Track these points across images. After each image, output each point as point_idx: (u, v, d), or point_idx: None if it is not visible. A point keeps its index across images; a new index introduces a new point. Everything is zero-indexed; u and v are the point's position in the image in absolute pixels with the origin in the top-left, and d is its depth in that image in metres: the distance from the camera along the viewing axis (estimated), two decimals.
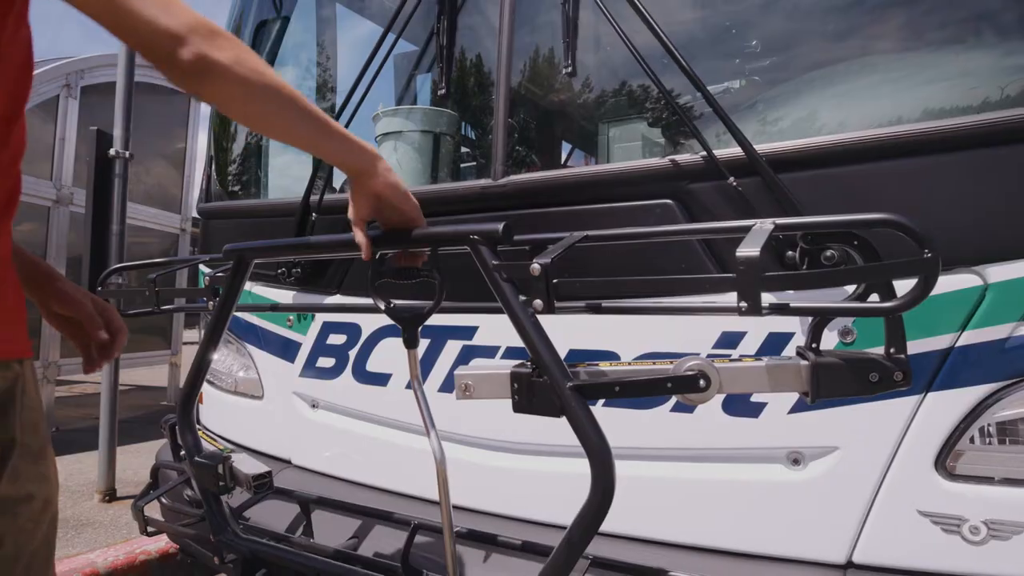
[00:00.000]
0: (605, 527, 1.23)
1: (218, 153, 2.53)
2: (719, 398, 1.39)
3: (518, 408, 1.08)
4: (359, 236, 1.12)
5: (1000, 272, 1.19)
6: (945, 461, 1.23)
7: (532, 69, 1.86)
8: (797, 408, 1.33)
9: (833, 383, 0.92)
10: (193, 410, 1.56)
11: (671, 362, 1.02)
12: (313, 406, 2.01)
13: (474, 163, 2.02)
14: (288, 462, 2.07)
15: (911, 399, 1.25)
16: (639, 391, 1.02)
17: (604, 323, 1.44)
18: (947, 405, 1.23)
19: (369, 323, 1.85)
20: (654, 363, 1.05)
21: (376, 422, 1.88)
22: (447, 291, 1.18)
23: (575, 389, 1.00)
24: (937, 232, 1.20)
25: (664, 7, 1.57)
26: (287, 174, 2.54)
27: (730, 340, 1.37)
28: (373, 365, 1.85)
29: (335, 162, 1.08)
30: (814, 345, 1.00)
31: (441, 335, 1.73)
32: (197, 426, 1.61)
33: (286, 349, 2.05)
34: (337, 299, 1.92)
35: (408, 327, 1.22)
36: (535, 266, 1.02)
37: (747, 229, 0.94)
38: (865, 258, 0.96)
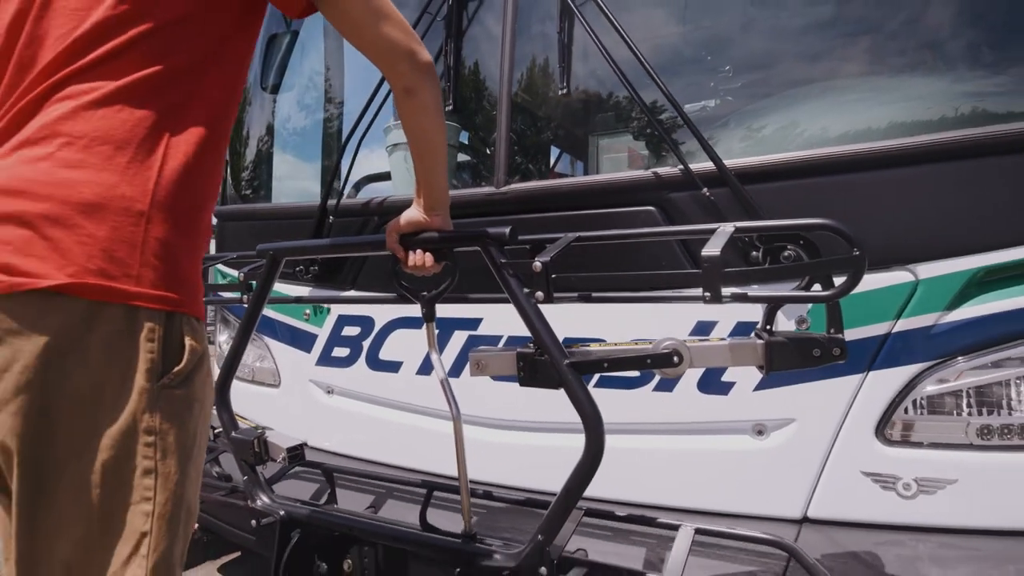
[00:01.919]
0: (597, 493, 1.45)
1: (233, 159, 2.71)
2: (694, 378, 1.61)
3: (524, 383, 1.29)
4: (394, 244, 1.34)
5: (929, 270, 1.41)
6: (884, 429, 1.46)
7: (531, 89, 2.07)
8: (761, 386, 1.55)
9: (783, 358, 1.13)
10: (229, 392, 1.75)
11: (651, 343, 1.24)
12: (329, 392, 2.20)
13: (479, 172, 2.22)
14: (304, 444, 2.25)
15: (856, 377, 1.47)
16: (624, 367, 1.24)
17: (594, 313, 1.65)
18: (885, 382, 1.45)
19: (382, 316, 2.05)
20: (636, 343, 1.27)
21: (389, 405, 2.07)
22: (456, 286, 1.39)
23: (571, 366, 1.21)
24: (877, 237, 1.43)
25: (649, 37, 1.78)
26: (295, 181, 2.73)
27: (704, 328, 1.58)
28: (385, 354, 2.04)
29: (433, 186, 1.28)
30: (768, 328, 1.21)
31: (450, 326, 1.93)
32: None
33: (303, 340, 2.23)
34: (352, 294, 2.11)
35: (427, 304, 1.43)
36: (537, 264, 1.22)
37: (713, 231, 1.15)
38: (809, 255, 1.17)
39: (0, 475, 0.90)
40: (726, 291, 1.07)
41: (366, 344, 2.08)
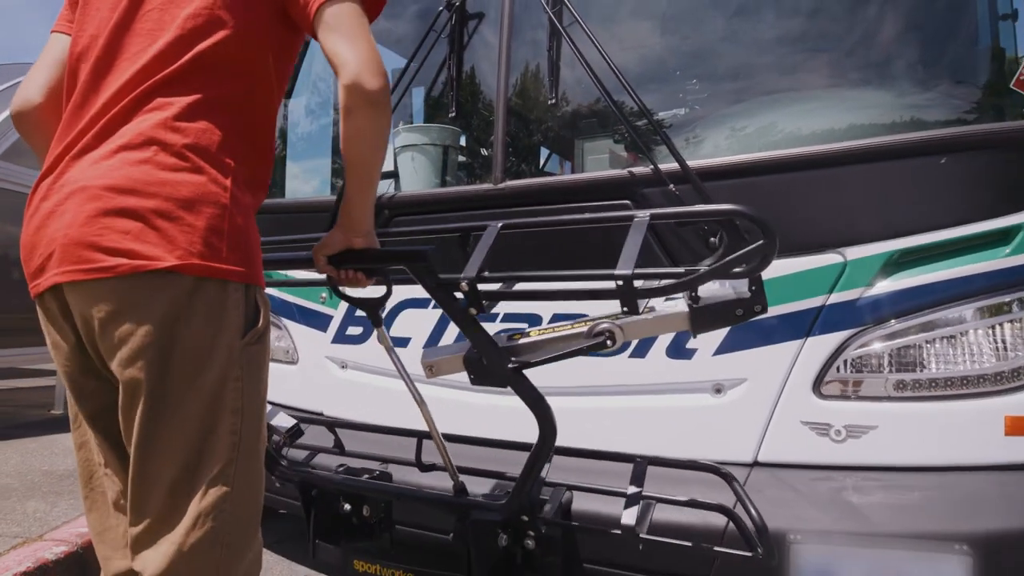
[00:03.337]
0: (577, 444, 1.72)
1: None
2: (664, 345, 1.89)
3: (475, 382, 1.43)
4: (324, 266, 1.37)
5: (855, 252, 1.70)
6: (819, 386, 1.74)
7: (524, 98, 2.34)
8: (719, 351, 1.84)
9: (708, 321, 1.32)
10: None
11: (585, 323, 1.38)
12: (343, 367, 2.46)
13: (478, 170, 2.50)
14: (320, 414, 2.51)
15: (797, 342, 1.76)
16: (563, 358, 1.37)
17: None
18: (820, 346, 1.74)
19: (393, 296, 2.31)
20: (572, 325, 1.41)
21: (398, 377, 2.33)
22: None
23: (513, 370, 1.37)
24: (813, 225, 1.73)
25: (626, 54, 2.06)
26: (308, 177, 2.99)
27: None
28: (396, 331, 2.31)
29: (357, 211, 1.28)
30: (693, 295, 1.43)
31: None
32: None
33: (319, 321, 2.50)
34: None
35: (370, 311, 1.56)
36: (463, 284, 1.29)
37: (631, 219, 1.27)
38: (731, 237, 1.30)
39: (113, 411, 1.12)
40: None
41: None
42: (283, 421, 2.09)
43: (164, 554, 1.07)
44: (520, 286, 1.49)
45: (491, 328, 1.48)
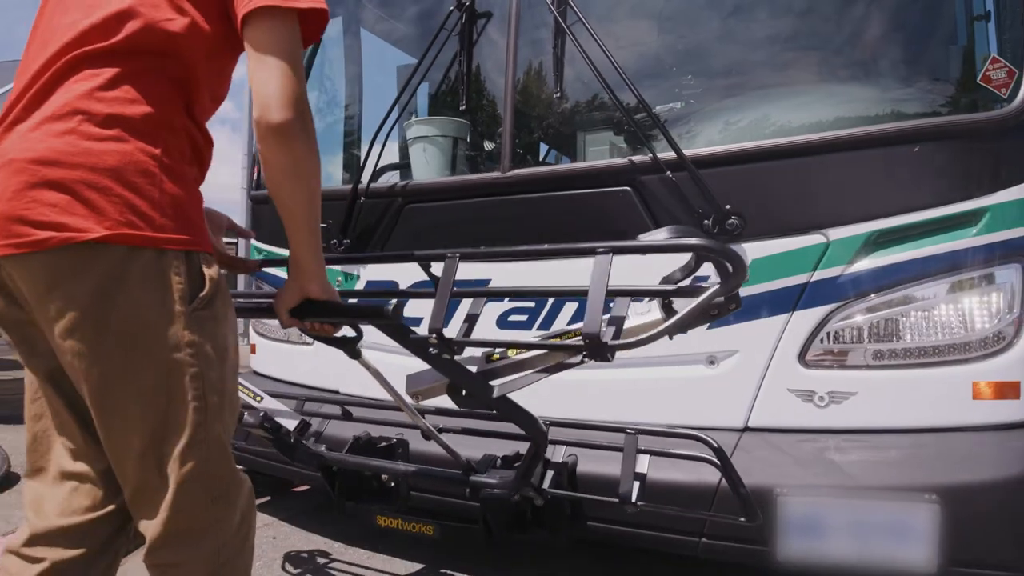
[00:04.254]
0: (582, 417, 1.86)
1: None
2: None
3: (461, 405, 1.50)
4: (290, 321, 1.29)
5: (837, 232, 1.86)
6: (804, 356, 1.90)
7: (530, 92, 2.49)
8: (713, 325, 1.98)
9: (684, 325, 1.28)
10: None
11: (561, 338, 1.50)
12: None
13: (488, 160, 2.64)
14: (336, 391, 2.65)
15: (784, 316, 1.91)
16: (543, 376, 1.47)
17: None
18: (805, 320, 1.89)
19: (405, 279, 2.45)
20: (561, 338, 1.52)
21: (403, 354, 2.47)
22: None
23: (498, 399, 1.44)
24: (800, 208, 1.88)
25: (627, 51, 2.21)
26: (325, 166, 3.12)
27: None
28: (408, 311, 2.43)
29: (298, 257, 1.21)
30: (668, 302, 1.50)
31: (462, 287, 2.33)
32: None
33: None
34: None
35: (346, 348, 1.56)
36: (432, 339, 1.33)
37: (593, 250, 1.21)
38: (699, 261, 1.36)
39: (74, 391, 1.11)
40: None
41: (391, 303, 2.48)
42: (289, 418, 2.20)
43: (160, 521, 1.09)
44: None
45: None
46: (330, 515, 2.89)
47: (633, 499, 1.65)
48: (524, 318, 2.24)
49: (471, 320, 1.47)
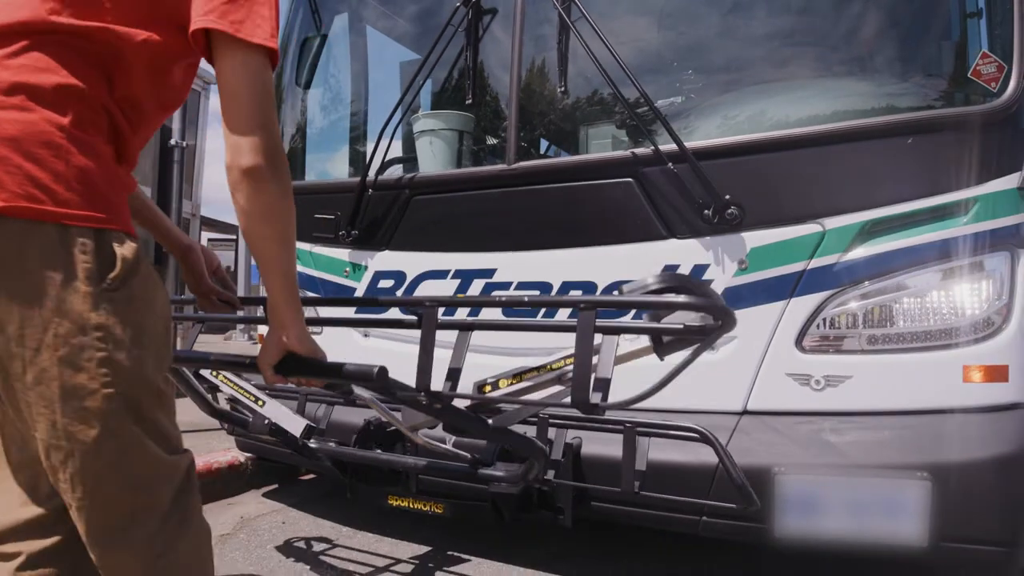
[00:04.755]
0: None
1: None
2: None
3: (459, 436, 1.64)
4: (275, 378, 1.22)
5: (833, 222, 1.92)
6: (801, 341, 1.96)
7: (535, 87, 2.55)
8: None
9: (669, 349, 1.42)
10: None
11: (552, 367, 1.55)
12: (365, 335, 2.66)
13: (494, 153, 2.70)
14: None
15: (782, 303, 1.97)
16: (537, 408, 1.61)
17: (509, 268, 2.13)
18: (802, 307, 1.96)
19: (412, 270, 2.51)
20: (538, 371, 1.56)
21: (415, 343, 2.53)
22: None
23: (494, 430, 1.55)
24: (797, 198, 1.94)
25: (629, 47, 2.27)
26: (331, 159, 3.18)
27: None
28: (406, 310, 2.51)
29: (274, 303, 1.15)
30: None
31: (468, 276, 2.40)
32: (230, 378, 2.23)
33: (343, 293, 2.69)
34: (387, 254, 2.57)
35: (339, 391, 1.64)
36: (420, 397, 1.37)
37: (577, 303, 1.26)
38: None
39: None
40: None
41: (398, 293, 2.54)
42: (294, 423, 2.23)
43: (81, 519, 1.02)
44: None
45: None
46: (338, 501, 2.95)
47: (636, 489, 1.73)
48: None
49: (453, 376, 1.53)
